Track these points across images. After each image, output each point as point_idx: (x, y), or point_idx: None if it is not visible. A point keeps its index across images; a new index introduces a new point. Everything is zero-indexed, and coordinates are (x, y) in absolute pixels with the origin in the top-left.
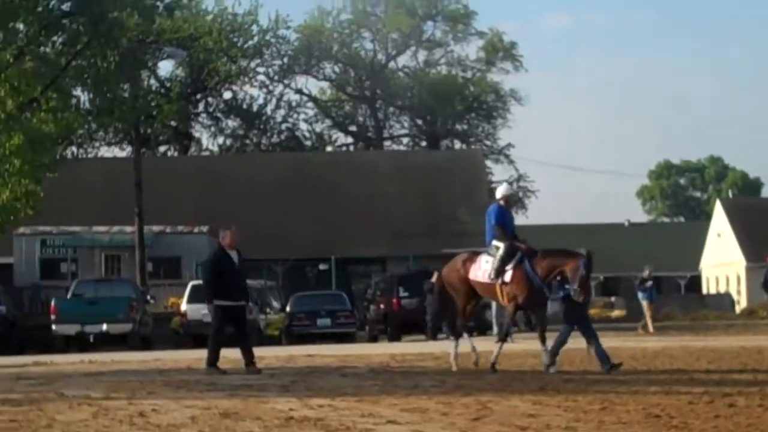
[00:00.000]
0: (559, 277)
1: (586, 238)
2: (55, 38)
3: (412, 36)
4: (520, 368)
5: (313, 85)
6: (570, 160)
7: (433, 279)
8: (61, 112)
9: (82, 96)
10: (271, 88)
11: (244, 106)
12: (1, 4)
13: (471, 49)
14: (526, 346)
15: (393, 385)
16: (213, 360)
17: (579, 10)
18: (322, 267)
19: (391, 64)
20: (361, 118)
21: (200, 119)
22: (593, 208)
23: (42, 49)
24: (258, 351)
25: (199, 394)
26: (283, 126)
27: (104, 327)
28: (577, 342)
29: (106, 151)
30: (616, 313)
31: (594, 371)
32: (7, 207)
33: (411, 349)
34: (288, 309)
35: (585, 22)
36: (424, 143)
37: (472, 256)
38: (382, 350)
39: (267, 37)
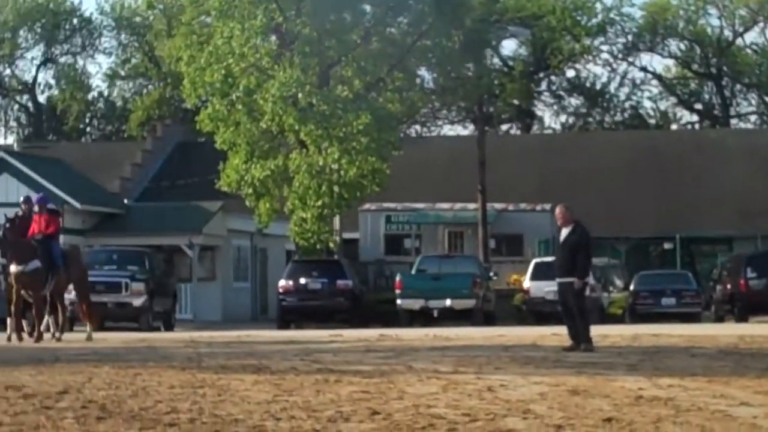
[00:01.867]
0: None
1: None
2: (400, 19)
3: (761, 12)
4: None
5: (657, 63)
6: None
7: None
8: (406, 92)
9: (426, 75)
10: (614, 66)
11: (587, 84)
12: None
13: None
14: None
15: (744, 366)
16: (587, 336)
17: None
18: (666, 246)
19: (738, 41)
20: (707, 96)
21: (543, 97)
22: None
23: (388, 29)
24: (601, 329)
25: (546, 370)
26: (627, 104)
27: (448, 302)
28: None
29: (449, 130)
30: None
31: None
32: (354, 184)
33: (760, 330)
34: (632, 288)
35: None
36: None
37: None
38: (729, 331)
39: (611, 15)
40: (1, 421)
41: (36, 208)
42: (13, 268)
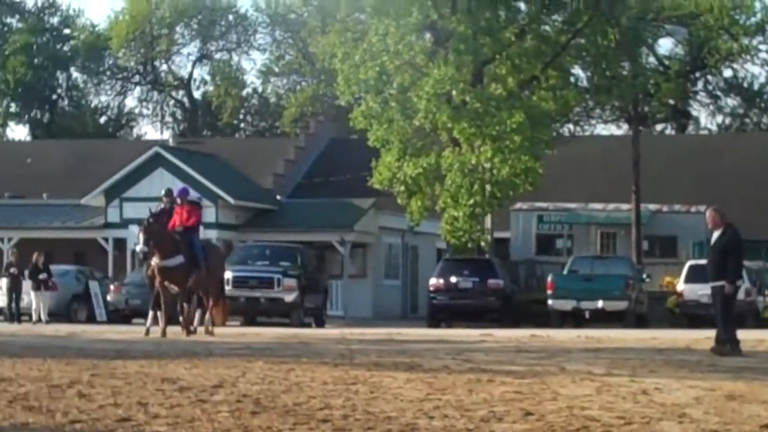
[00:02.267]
0: None
1: None
2: (555, 16)
3: None
4: None
5: None
6: None
7: None
8: (560, 90)
9: (580, 74)
10: None
11: (745, 85)
12: None
13: None
14: None
15: None
16: (734, 339)
17: None
18: None
19: None
20: None
21: (698, 97)
22: None
23: (543, 27)
24: (757, 334)
25: (701, 374)
26: None
27: (600, 304)
28: None
29: (602, 129)
30: None
31: None
32: (507, 182)
33: None
34: None
35: None
36: None
37: None
38: None
39: None
40: (157, 413)
41: (178, 201)
42: (155, 260)
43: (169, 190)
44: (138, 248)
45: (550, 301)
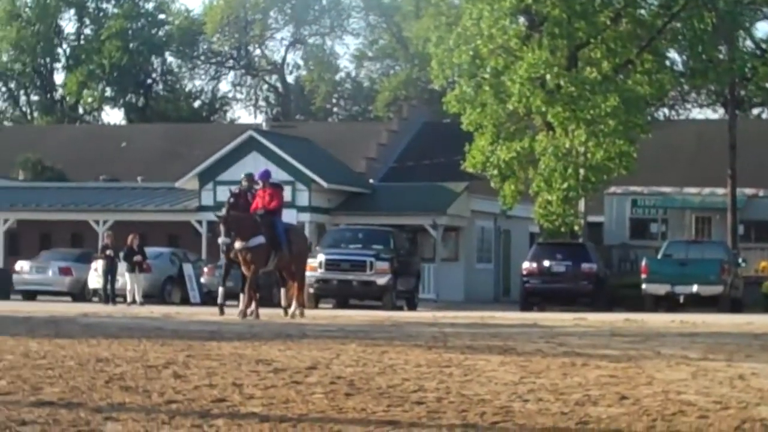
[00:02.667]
0: None
1: None
2: (651, 0)
3: None
4: None
5: None
6: None
7: None
8: (655, 74)
9: (676, 57)
10: None
11: None
12: None
13: None
14: None
15: None
16: None
17: None
18: None
19: None
20: None
21: None
22: None
23: (638, 11)
24: None
25: None
26: None
27: (695, 288)
28: None
29: (697, 113)
30: None
31: None
32: (601, 167)
33: None
34: None
35: None
36: None
37: None
38: None
39: None
40: (252, 394)
41: (260, 183)
42: (238, 244)
43: (250, 174)
44: (220, 240)
45: (644, 286)
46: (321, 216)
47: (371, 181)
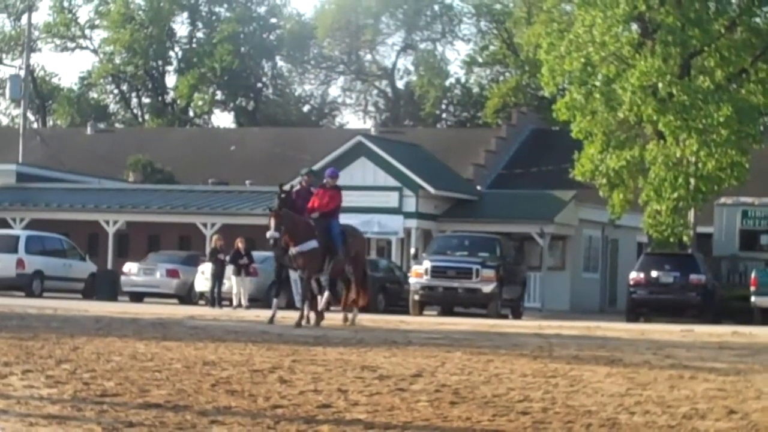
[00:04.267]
0: None
1: None
2: (766, 9)
3: None
4: None
5: None
6: None
7: None
8: None
9: None
10: None
11: None
12: None
13: None
14: None
15: None
16: None
17: None
18: None
19: None
20: None
21: None
22: None
23: (753, 20)
24: None
25: None
26: None
27: None
28: None
29: None
30: None
31: None
32: (712, 176)
33: None
34: None
35: None
36: None
37: None
38: None
39: None
40: (357, 401)
41: (325, 181)
42: (291, 250)
43: (311, 171)
44: (268, 234)
45: (753, 298)
46: (428, 222)
47: (479, 187)
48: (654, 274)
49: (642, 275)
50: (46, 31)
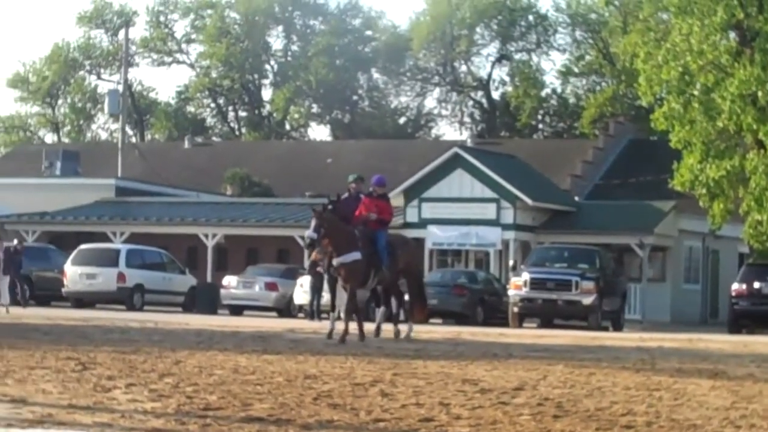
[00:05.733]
0: None
1: None
2: None
3: None
4: None
5: None
6: None
7: None
8: None
9: None
10: None
11: None
12: None
13: None
14: None
15: None
16: None
17: None
18: None
19: None
20: None
21: None
22: None
23: None
24: None
25: None
26: None
27: None
28: None
29: None
30: None
31: None
32: None
33: None
34: None
35: None
36: None
37: None
38: None
39: None
40: (459, 415)
41: (371, 189)
42: (334, 261)
43: (360, 177)
44: (306, 234)
45: None
46: (525, 234)
47: (576, 198)
48: (756, 285)
49: (744, 286)
50: (143, 46)
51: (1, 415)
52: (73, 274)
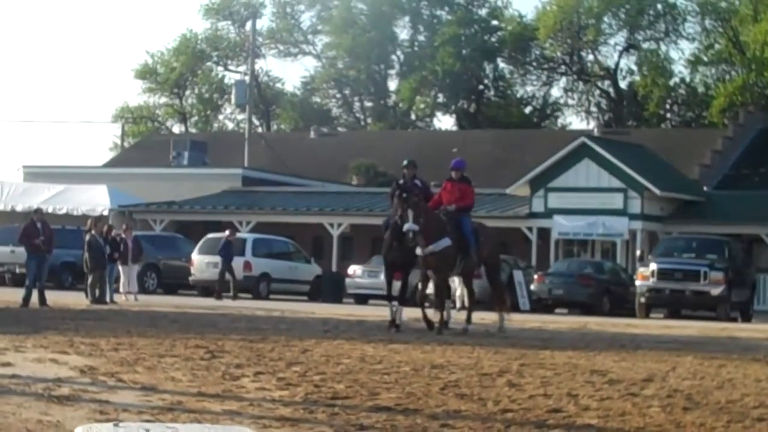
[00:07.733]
0: None
1: None
2: None
3: None
4: None
5: None
6: None
7: None
8: None
9: None
10: None
11: None
12: None
13: None
14: None
15: None
16: None
17: None
18: None
19: None
20: None
21: None
22: None
23: None
24: None
25: None
26: None
27: None
28: None
29: None
30: None
31: None
32: None
33: None
34: None
35: None
36: None
37: None
38: None
39: None
40: (587, 405)
41: (452, 175)
42: (419, 250)
43: (412, 162)
44: (406, 227)
45: None
46: (653, 224)
47: (705, 188)
48: None
49: None
50: (269, 38)
51: (131, 402)
52: (200, 262)
